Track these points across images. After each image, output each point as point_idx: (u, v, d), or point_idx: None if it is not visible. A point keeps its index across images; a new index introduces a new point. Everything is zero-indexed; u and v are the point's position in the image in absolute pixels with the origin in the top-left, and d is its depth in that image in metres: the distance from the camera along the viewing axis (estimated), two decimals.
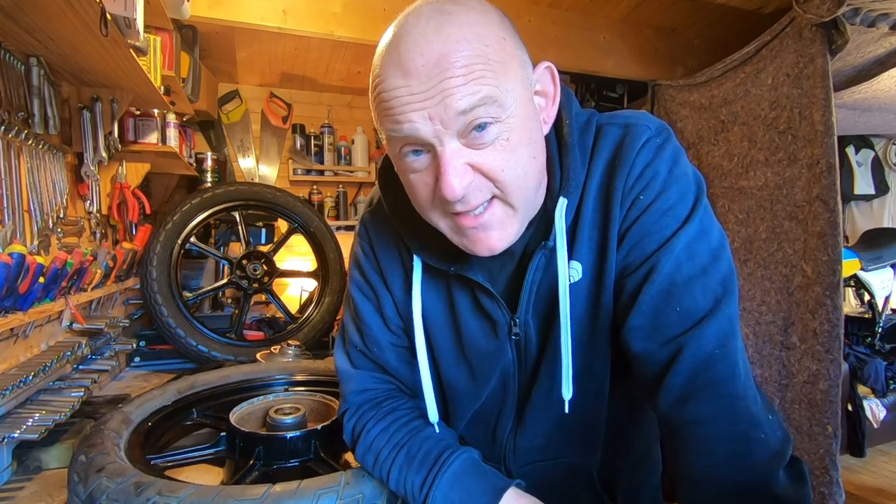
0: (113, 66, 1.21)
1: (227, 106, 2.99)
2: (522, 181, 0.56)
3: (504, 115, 0.53)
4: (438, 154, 0.53)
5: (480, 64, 0.51)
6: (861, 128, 3.20)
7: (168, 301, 1.79)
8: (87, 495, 0.65)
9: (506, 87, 0.53)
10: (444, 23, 0.51)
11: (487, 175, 0.55)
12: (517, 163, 0.55)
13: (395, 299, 0.74)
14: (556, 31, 2.49)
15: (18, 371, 1.02)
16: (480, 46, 0.51)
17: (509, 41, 0.54)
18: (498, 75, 0.52)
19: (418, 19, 0.52)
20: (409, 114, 0.52)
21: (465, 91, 0.50)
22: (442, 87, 0.50)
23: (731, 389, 0.55)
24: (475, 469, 0.64)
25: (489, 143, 0.53)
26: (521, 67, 0.56)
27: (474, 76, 0.50)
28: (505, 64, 0.53)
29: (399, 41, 0.52)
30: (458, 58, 0.50)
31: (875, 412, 2.70)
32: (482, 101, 0.51)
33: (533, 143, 0.57)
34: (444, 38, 0.50)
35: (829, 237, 1.84)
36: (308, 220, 2.15)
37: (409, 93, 0.51)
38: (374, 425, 0.71)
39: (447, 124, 0.52)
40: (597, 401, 0.68)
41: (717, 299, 0.56)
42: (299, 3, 2.09)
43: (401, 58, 0.51)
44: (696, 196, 0.60)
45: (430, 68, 0.50)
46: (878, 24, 1.88)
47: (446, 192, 0.53)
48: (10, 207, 1.04)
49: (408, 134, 0.53)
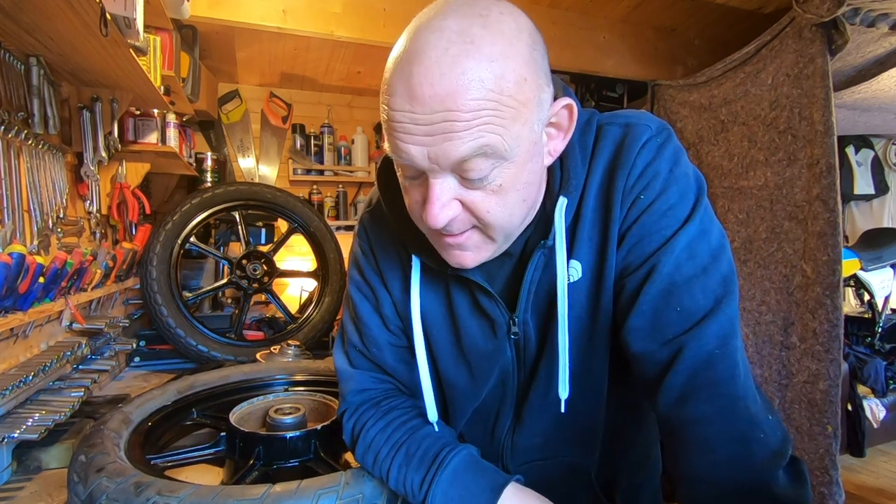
0: (113, 66, 1.21)
1: (227, 106, 2.99)
2: (506, 222, 0.57)
3: (502, 161, 0.52)
4: (429, 182, 0.54)
5: (489, 111, 0.48)
6: (861, 128, 3.20)
7: (168, 301, 1.79)
8: (87, 495, 0.65)
9: (511, 134, 0.51)
10: (464, 54, 0.47)
11: (472, 212, 0.55)
12: (504, 207, 0.55)
13: (394, 299, 0.74)
14: (556, 31, 2.49)
15: (18, 371, 1.02)
16: (494, 92, 0.48)
17: (530, 81, 0.51)
18: (506, 122, 0.50)
19: (439, 40, 0.48)
20: (409, 146, 0.51)
21: (466, 137, 0.49)
22: (444, 128, 0.49)
23: (731, 389, 0.55)
24: (474, 466, 0.64)
25: (480, 186, 0.54)
26: (537, 108, 0.53)
27: (479, 122, 0.48)
28: (518, 109, 0.50)
29: (413, 59, 0.49)
30: (467, 101, 0.47)
31: (875, 412, 2.69)
32: (482, 151, 0.50)
33: (527, 185, 0.56)
34: (458, 74, 0.47)
35: (829, 237, 1.84)
36: (308, 220, 2.15)
37: (413, 120, 0.50)
38: (374, 424, 0.71)
39: (443, 165, 0.52)
40: (595, 400, 0.68)
41: (717, 299, 0.56)
42: (299, 3, 2.09)
43: (411, 80, 0.48)
44: (697, 196, 0.60)
45: (437, 101, 0.48)
46: (878, 24, 1.88)
47: (429, 220, 0.54)
48: (10, 207, 1.04)
49: (405, 162, 0.53)
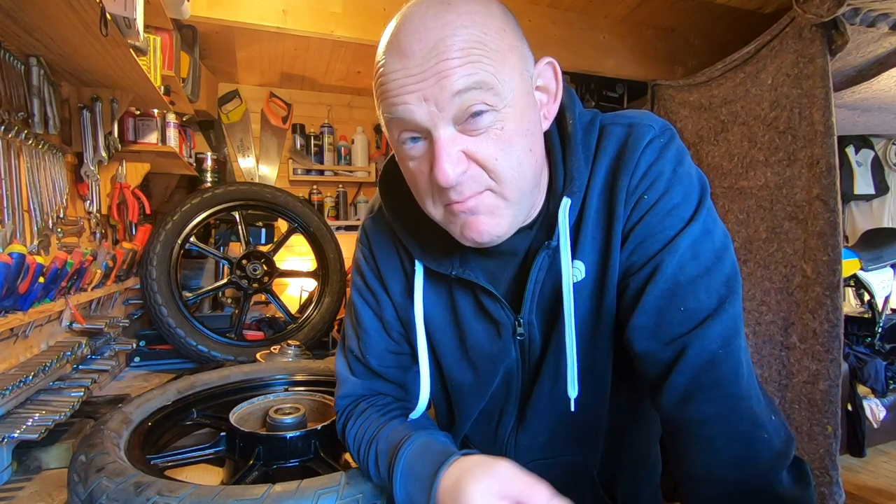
0: (113, 66, 1.21)
1: (227, 106, 2.99)
2: (517, 171, 0.55)
3: (500, 104, 0.53)
4: (434, 139, 0.53)
5: (477, 49, 0.51)
6: (861, 128, 3.20)
7: (168, 301, 1.78)
8: (87, 495, 0.65)
9: (503, 77, 0.52)
10: (444, 10, 0.52)
11: (482, 164, 0.54)
12: (512, 153, 0.55)
13: (396, 304, 0.74)
14: (555, 31, 2.49)
15: (18, 371, 1.02)
16: (478, 33, 0.51)
17: (509, 32, 0.55)
18: (495, 62, 0.52)
19: (419, 7, 0.53)
20: (405, 95, 0.52)
21: (460, 73, 0.50)
22: (437, 69, 0.50)
23: (735, 389, 0.55)
24: (422, 452, 0.62)
25: (484, 129, 0.53)
26: (521, 59, 0.56)
27: (470, 59, 0.51)
28: (503, 53, 0.53)
29: (399, 28, 0.53)
30: (455, 41, 0.51)
31: (875, 412, 2.69)
32: (477, 85, 0.51)
33: (530, 134, 0.57)
34: (442, 24, 0.51)
35: (829, 237, 1.84)
36: (308, 220, 2.15)
37: (406, 75, 0.52)
38: (353, 423, 0.73)
39: (442, 106, 0.52)
40: (598, 399, 0.68)
41: (720, 299, 0.56)
42: (299, 3, 2.09)
43: (399, 42, 0.52)
44: (700, 196, 0.60)
45: (427, 51, 0.51)
46: (878, 24, 1.88)
47: (440, 177, 0.53)
48: (10, 207, 1.04)
49: (402, 116, 0.53)
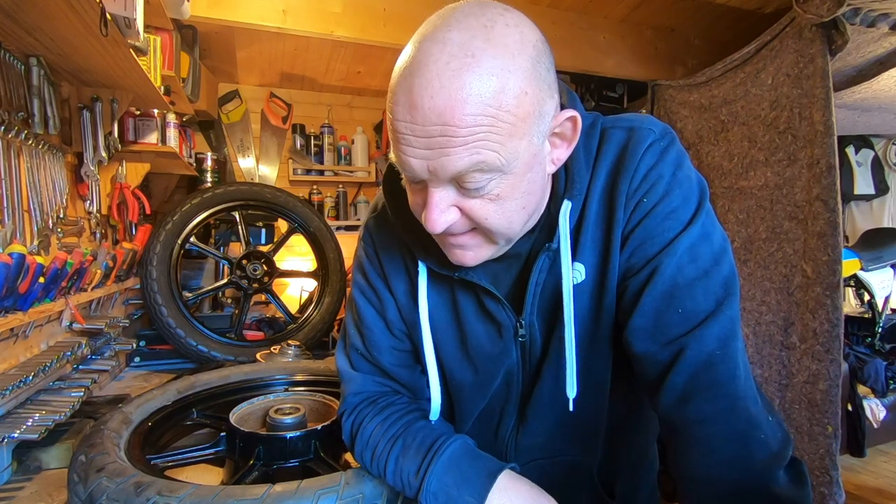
0: (113, 66, 1.21)
1: (227, 106, 2.99)
2: (505, 228, 0.57)
3: (500, 173, 0.53)
4: (429, 191, 0.55)
5: (486, 127, 0.49)
6: (861, 128, 3.20)
7: (168, 301, 1.79)
8: (87, 495, 0.65)
9: (508, 150, 0.51)
10: (464, 68, 0.47)
11: (471, 219, 0.56)
12: (502, 214, 0.56)
13: (399, 304, 0.75)
14: (556, 31, 2.49)
15: (18, 371, 1.02)
16: (492, 106, 0.48)
17: (531, 94, 0.51)
18: (503, 138, 0.50)
19: (441, 52, 0.48)
20: (407, 148, 0.52)
21: (463, 153, 0.49)
22: (441, 142, 0.49)
23: (732, 390, 0.56)
24: (470, 454, 0.65)
25: (479, 195, 0.54)
26: (537, 120, 0.53)
27: (475, 139, 0.49)
28: (516, 125, 0.50)
29: (416, 70, 0.49)
30: (464, 116, 0.48)
31: (875, 412, 2.69)
32: (478, 167, 0.51)
33: (526, 194, 0.56)
34: (457, 88, 0.47)
35: (829, 237, 1.84)
36: (308, 220, 2.15)
37: (412, 131, 0.50)
38: (371, 420, 0.72)
39: (438, 175, 0.52)
40: (598, 400, 0.69)
41: (718, 301, 0.57)
42: (299, 3, 2.09)
43: (412, 91, 0.49)
44: (699, 199, 0.60)
45: (435, 114, 0.48)
46: (878, 24, 1.88)
47: (428, 225, 0.55)
48: (10, 207, 1.04)
49: (403, 165, 0.54)
